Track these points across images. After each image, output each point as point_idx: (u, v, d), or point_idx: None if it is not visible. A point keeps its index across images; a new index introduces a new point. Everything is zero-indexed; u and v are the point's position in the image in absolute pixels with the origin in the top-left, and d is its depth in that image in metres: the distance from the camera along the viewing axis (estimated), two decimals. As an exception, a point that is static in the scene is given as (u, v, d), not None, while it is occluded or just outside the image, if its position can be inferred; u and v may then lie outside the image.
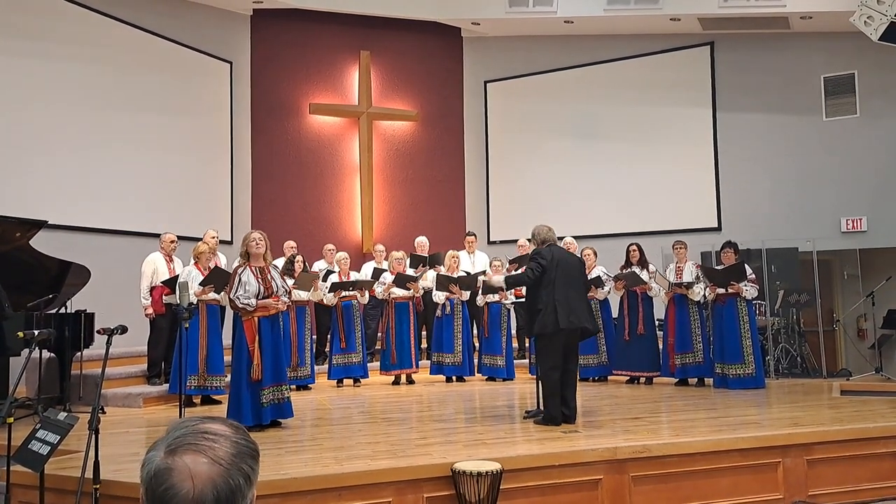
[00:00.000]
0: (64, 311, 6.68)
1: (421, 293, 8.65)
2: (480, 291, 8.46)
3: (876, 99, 9.83)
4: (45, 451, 3.47)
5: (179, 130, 9.93)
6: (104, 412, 6.14)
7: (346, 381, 8.38)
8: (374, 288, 8.47)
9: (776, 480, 4.63)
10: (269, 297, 5.45)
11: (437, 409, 6.66)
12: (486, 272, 8.72)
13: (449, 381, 8.59)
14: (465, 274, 8.70)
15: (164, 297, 7.13)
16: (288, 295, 5.79)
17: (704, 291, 7.78)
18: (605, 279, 8.31)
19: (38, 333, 4.47)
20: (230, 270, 6.02)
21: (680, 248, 8.13)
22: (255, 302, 5.38)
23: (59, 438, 3.50)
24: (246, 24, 11.09)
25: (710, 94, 10.78)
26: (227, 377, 6.17)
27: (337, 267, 8.63)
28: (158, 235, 7.67)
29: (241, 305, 5.37)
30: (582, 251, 8.23)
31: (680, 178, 10.81)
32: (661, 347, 8.18)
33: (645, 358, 8.11)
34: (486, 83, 12.15)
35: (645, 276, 8.04)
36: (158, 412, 6.56)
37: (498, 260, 8.75)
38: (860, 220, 9.80)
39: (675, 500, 4.42)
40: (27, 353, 4.27)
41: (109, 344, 4.06)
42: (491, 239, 11.84)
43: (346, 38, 11.58)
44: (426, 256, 9.14)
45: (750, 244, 9.12)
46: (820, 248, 9.20)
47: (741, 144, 10.53)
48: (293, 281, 7.55)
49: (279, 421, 5.53)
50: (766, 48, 10.42)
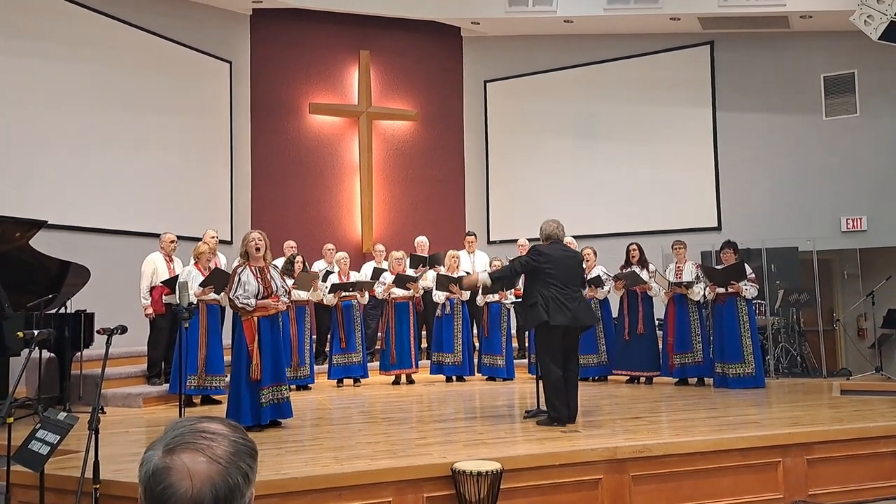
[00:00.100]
0: (64, 310, 6.69)
1: (421, 293, 8.64)
2: (480, 291, 8.46)
3: (876, 98, 9.83)
4: (45, 451, 3.47)
5: (179, 130, 9.93)
6: (104, 412, 6.14)
7: (346, 380, 8.38)
8: (374, 288, 8.47)
9: (776, 480, 4.63)
10: (268, 296, 5.45)
11: (437, 408, 6.65)
12: (468, 273, 8.50)
13: (449, 380, 8.60)
14: (465, 274, 8.70)
15: (163, 297, 7.13)
16: (287, 295, 5.79)
17: (704, 291, 7.78)
18: (604, 279, 8.31)
19: (37, 333, 4.47)
20: (230, 271, 6.02)
21: (679, 247, 8.13)
22: (254, 302, 5.38)
23: (59, 438, 3.50)
24: (245, 23, 11.08)
25: (709, 93, 10.78)
26: (227, 377, 6.17)
27: (337, 267, 8.62)
28: (158, 235, 7.67)
29: (240, 305, 5.37)
30: (582, 251, 8.18)
31: (680, 177, 10.80)
32: (660, 347, 8.18)
33: (645, 358, 8.11)
34: (485, 83, 12.15)
35: (645, 275, 8.04)
36: (158, 412, 6.56)
37: (498, 260, 8.74)
38: (860, 219, 9.80)
39: (675, 499, 4.41)
40: (27, 352, 4.27)
41: (109, 344, 4.06)
42: (491, 239, 11.83)
43: (345, 37, 11.58)
44: (426, 257, 9.14)
45: (750, 244, 9.12)
46: (820, 247, 9.20)
47: (741, 144, 10.53)
48: (293, 281, 7.55)
49: (279, 421, 5.53)
50: (765, 47, 10.41)
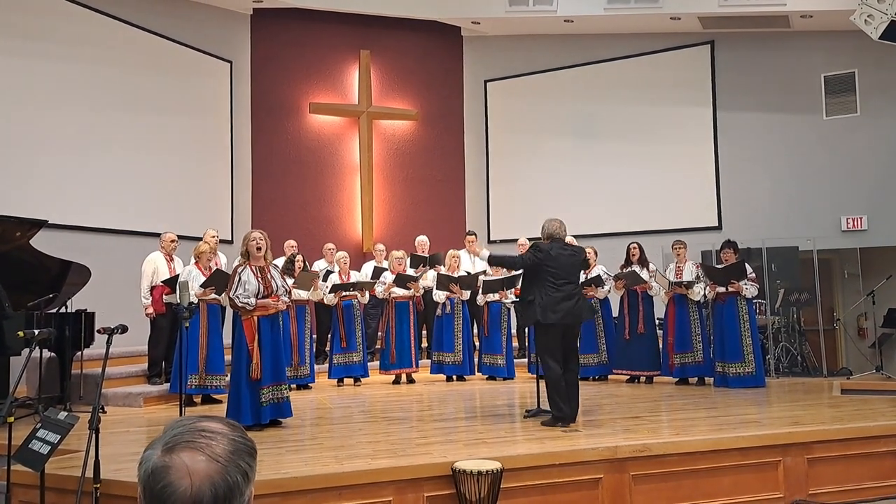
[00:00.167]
0: (64, 310, 6.68)
1: (421, 293, 8.65)
2: (480, 291, 8.47)
3: (876, 98, 9.82)
4: (45, 450, 3.47)
5: (179, 130, 9.93)
6: (104, 412, 6.15)
7: (346, 380, 8.39)
8: (374, 287, 8.47)
9: (776, 479, 4.63)
10: (268, 296, 5.45)
11: (437, 408, 6.65)
12: (468, 273, 8.73)
13: (449, 380, 8.60)
14: (465, 274, 8.71)
15: (164, 296, 7.14)
16: (288, 294, 5.79)
17: (704, 291, 7.78)
18: (605, 278, 8.31)
19: (38, 333, 4.47)
20: (230, 271, 6.02)
21: (679, 247, 8.13)
22: (254, 301, 5.38)
23: (59, 438, 3.50)
24: (246, 23, 11.09)
25: (710, 93, 10.77)
26: (227, 377, 6.17)
27: (337, 266, 8.63)
28: (158, 235, 7.67)
29: (240, 304, 5.38)
30: (583, 250, 8.22)
31: (680, 177, 10.80)
32: (661, 347, 8.18)
33: (645, 357, 8.11)
34: (486, 82, 12.14)
35: (645, 275, 8.03)
36: (159, 412, 6.56)
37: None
38: (860, 218, 9.79)
39: (675, 499, 4.42)
40: (27, 352, 4.27)
41: (110, 343, 4.06)
42: (491, 238, 11.83)
43: (346, 37, 11.58)
44: (426, 257, 9.13)
45: (750, 243, 9.12)
46: (820, 246, 9.20)
47: (741, 143, 10.52)
48: (293, 280, 7.55)
49: (279, 420, 5.54)
50: (766, 47, 10.41)
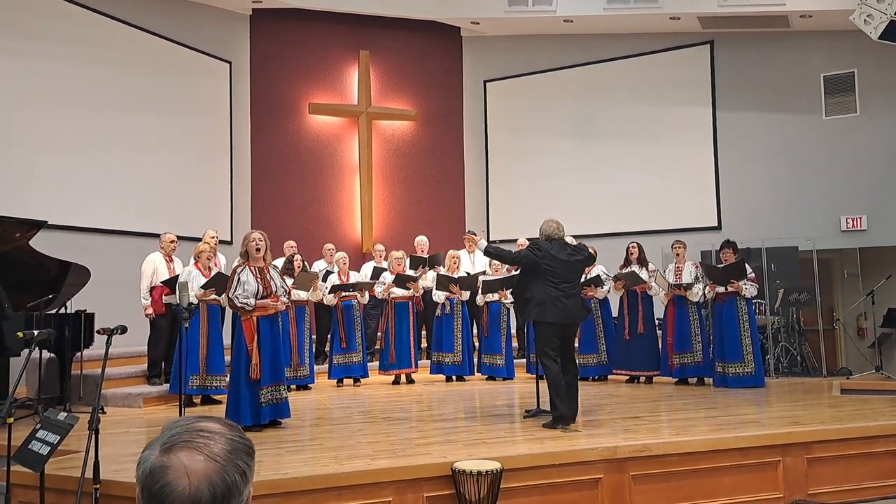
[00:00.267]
0: (64, 311, 6.68)
1: (421, 293, 8.64)
2: (480, 291, 8.47)
3: (876, 97, 9.82)
4: (45, 451, 3.47)
5: (179, 130, 9.93)
6: (104, 412, 6.14)
7: (346, 380, 8.38)
8: (373, 288, 8.47)
9: (776, 479, 4.63)
10: (267, 296, 5.45)
11: (436, 408, 6.66)
12: (468, 273, 8.80)
13: (449, 380, 8.60)
14: (465, 274, 8.71)
15: (164, 296, 7.13)
16: (287, 295, 5.79)
17: (704, 291, 7.78)
18: (604, 278, 8.31)
19: (37, 333, 4.46)
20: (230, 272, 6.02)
21: (679, 248, 8.12)
22: (253, 301, 5.38)
23: (59, 438, 3.49)
24: (245, 23, 11.09)
25: (709, 92, 10.77)
26: (227, 377, 6.17)
27: (336, 267, 8.62)
28: (158, 235, 7.67)
29: (239, 305, 5.38)
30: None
31: (680, 177, 10.80)
32: (660, 347, 8.18)
33: (645, 357, 8.11)
34: (485, 82, 12.14)
35: (645, 275, 8.03)
36: (158, 412, 6.56)
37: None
38: (860, 218, 9.79)
39: (675, 499, 4.42)
40: (27, 353, 4.27)
41: (109, 344, 4.06)
42: (491, 238, 11.78)
43: (345, 37, 11.58)
44: (426, 258, 9.13)
45: (750, 243, 9.12)
46: (820, 246, 9.20)
47: (741, 143, 10.52)
48: (292, 281, 7.55)
49: (278, 421, 5.54)
50: (765, 47, 10.41)
